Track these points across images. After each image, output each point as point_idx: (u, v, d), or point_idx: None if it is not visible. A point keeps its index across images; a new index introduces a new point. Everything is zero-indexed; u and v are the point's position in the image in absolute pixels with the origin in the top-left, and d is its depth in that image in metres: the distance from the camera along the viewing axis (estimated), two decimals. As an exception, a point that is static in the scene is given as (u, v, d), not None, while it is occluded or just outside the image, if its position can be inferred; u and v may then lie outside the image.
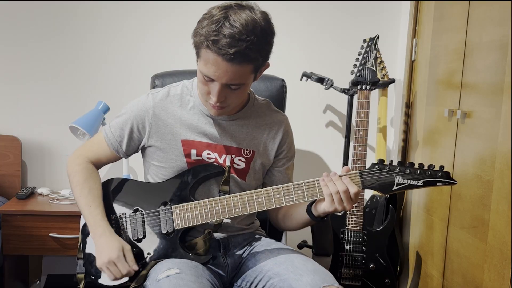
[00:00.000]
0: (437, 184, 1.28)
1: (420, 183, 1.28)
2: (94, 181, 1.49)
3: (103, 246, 1.39)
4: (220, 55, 1.24)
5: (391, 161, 1.31)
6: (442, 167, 1.29)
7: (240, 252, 1.50)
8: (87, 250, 1.46)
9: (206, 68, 1.29)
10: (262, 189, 1.36)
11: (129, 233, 1.45)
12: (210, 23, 1.26)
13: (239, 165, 1.48)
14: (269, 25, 1.31)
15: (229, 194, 1.42)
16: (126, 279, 1.39)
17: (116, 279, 1.38)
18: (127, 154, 1.53)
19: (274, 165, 1.56)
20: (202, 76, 1.32)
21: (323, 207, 1.34)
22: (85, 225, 1.48)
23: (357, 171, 1.31)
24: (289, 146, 1.57)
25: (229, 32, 1.23)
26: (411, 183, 1.29)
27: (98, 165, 1.54)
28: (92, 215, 1.43)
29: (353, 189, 1.29)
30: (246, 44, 1.24)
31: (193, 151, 1.45)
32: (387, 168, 1.30)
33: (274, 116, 1.55)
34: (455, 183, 1.29)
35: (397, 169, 1.29)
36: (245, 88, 1.37)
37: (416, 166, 1.29)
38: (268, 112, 1.55)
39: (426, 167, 1.29)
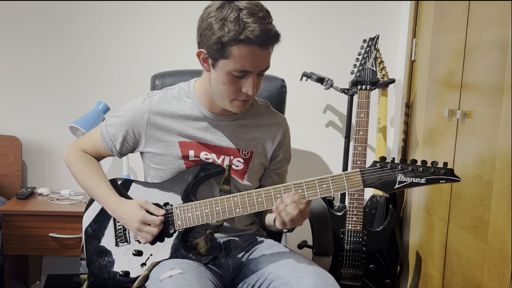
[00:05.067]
0: (441, 181, 1.25)
1: (422, 181, 1.25)
2: (93, 165, 1.51)
3: (123, 216, 1.40)
4: (257, 44, 1.26)
5: (393, 158, 1.29)
6: (445, 163, 1.26)
7: (241, 253, 1.50)
8: (89, 251, 1.46)
9: (241, 63, 1.29)
10: (262, 188, 1.36)
11: (131, 234, 1.45)
12: (229, 21, 1.26)
13: (237, 166, 1.48)
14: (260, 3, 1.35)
15: (229, 193, 1.42)
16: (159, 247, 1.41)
17: (154, 236, 1.39)
18: (121, 154, 1.53)
19: (271, 167, 1.56)
20: (231, 75, 1.31)
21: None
22: (87, 226, 1.48)
23: (358, 169, 1.29)
24: (287, 149, 1.57)
25: (255, 21, 1.25)
26: (413, 181, 1.26)
27: (96, 157, 1.55)
28: (100, 194, 1.45)
29: (301, 206, 1.29)
30: (272, 26, 1.29)
31: (191, 152, 1.45)
32: (388, 166, 1.27)
33: (274, 117, 1.55)
34: (459, 180, 1.26)
35: (399, 167, 1.27)
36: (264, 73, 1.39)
37: (418, 163, 1.26)
38: (267, 113, 1.54)
39: (429, 164, 1.26)
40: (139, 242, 1.43)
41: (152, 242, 1.42)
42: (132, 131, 1.47)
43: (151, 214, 1.39)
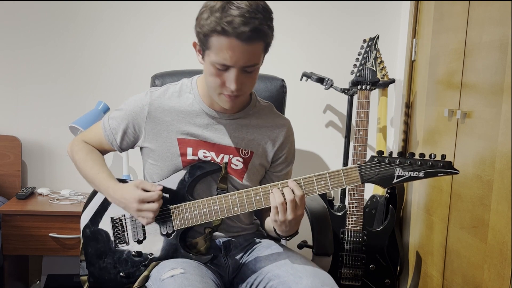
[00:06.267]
0: (439, 174, 1.23)
1: (421, 174, 1.24)
2: (96, 154, 1.51)
3: (121, 199, 1.39)
4: (235, 36, 1.23)
5: (391, 152, 1.27)
6: (443, 156, 1.24)
7: (241, 253, 1.50)
8: (88, 252, 1.47)
9: (220, 55, 1.26)
10: (259, 186, 1.35)
11: (130, 235, 1.45)
12: (214, 11, 1.25)
13: (236, 165, 1.47)
14: (266, 4, 1.31)
15: (227, 191, 1.42)
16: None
17: (155, 213, 1.37)
18: (122, 148, 1.52)
19: (272, 170, 1.54)
20: (214, 68, 1.30)
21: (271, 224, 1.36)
22: (85, 227, 1.48)
23: (355, 165, 1.28)
24: (289, 151, 1.54)
25: (238, 13, 1.22)
26: (411, 175, 1.24)
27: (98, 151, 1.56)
28: (100, 181, 1.44)
29: (298, 193, 1.28)
30: (258, 21, 1.24)
31: (189, 150, 1.44)
32: (386, 160, 1.26)
33: (276, 119, 1.53)
34: (457, 173, 1.24)
35: (397, 161, 1.25)
36: (258, 71, 1.35)
37: (416, 156, 1.25)
38: (270, 115, 1.53)
39: (427, 157, 1.24)
40: (139, 243, 1.43)
41: (158, 221, 1.40)
42: (133, 124, 1.47)
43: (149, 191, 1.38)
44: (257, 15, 1.24)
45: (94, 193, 1.51)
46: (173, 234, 1.41)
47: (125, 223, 1.45)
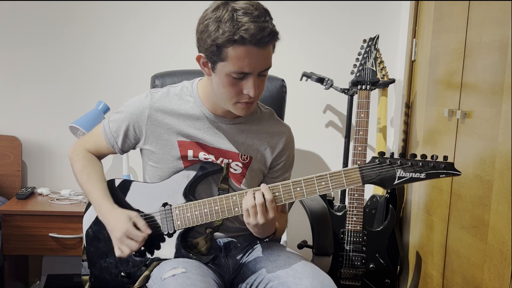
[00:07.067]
0: (441, 176, 1.23)
1: (422, 175, 1.23)
2: (93, 166, 1.51)
3: (110, 223, 1.40)
4: (253, 44, 1.23)
5: (392, 153, 1.27)
6: (445, 157, 1.24)
7: (241, 253, 1.50)
8: (90, 252, 1.47)
9: (238, 64, 1.26)
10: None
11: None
12: (223, 22, 1.24)
13: (235, 169, 1.47)
14: (259, 2, 1.32)
15: (228, 192, 1.42)
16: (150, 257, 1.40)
17: (132, 251, 1.39)
18: (123, 151, 1.52)
19: (270, 176, 1.54)
20: (230, 78, 1.29)
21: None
22: (88, 228, 1.48)
23: (356, 165, 1.28)
24: (288, 158, 1.54)
25: (249, 19, 1.23)
26: (413, 176, 1.24)
27: (98, 156, 1.55)
28: (94, 197, 1.45)
29: (268, 196, 1.30)
30: (268, 24, 1.26)
31: (190, 152, 1.44)
32: (387, 161, 1.25)
33: (276, 126, 1.53)
34: (459, 174, 1.23)
35: (398, 162, 1.25)
36: (267, 74, 1.36)
37: (418, 158, 1.24)
38: (271, 122, 1.53)
39: (429, 158, 1.24)
40: (136, 254, 1.43)
41: (159, 221, 1.42)
42: (133, 126, 1.47)
43: (139, 229, 1.39)
44: (266, 18, 1.26)
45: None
46: (174, 234, 1.41)
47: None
